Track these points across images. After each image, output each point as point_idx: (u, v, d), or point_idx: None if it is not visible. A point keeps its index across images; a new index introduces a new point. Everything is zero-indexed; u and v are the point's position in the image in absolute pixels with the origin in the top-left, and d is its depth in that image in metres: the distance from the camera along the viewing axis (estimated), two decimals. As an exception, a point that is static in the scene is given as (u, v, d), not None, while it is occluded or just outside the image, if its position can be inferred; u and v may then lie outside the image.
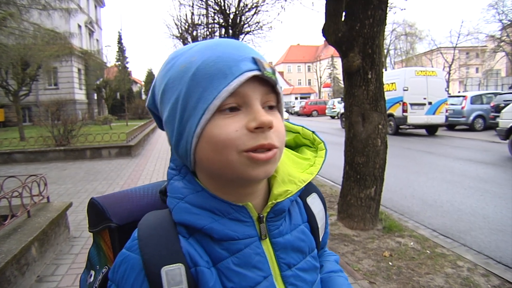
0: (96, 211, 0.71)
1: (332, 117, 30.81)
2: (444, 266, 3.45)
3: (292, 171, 0.72)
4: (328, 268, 0.87)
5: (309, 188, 0.81)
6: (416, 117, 14.92)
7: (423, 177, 7.49)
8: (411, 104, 14.85)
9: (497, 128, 10.27)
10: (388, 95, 4.16)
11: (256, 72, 0.59)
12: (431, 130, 15.99)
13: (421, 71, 15.34)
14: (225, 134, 0.58)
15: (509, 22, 34.47)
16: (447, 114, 15.64)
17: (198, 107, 0.59)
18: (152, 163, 9.82)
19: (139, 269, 0.59)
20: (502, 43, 35.75)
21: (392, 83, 15.12)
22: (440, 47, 46.30)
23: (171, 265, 0.59)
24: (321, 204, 0.81)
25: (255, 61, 0.60)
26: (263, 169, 0.60)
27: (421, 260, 3.57)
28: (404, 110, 14.91)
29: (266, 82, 0.61)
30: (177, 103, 0.61)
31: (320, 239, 0.81)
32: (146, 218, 0.65)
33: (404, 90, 14.88)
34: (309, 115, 36.80)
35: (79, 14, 27.22)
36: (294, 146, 0.83)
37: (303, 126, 0.82)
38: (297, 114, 40.01)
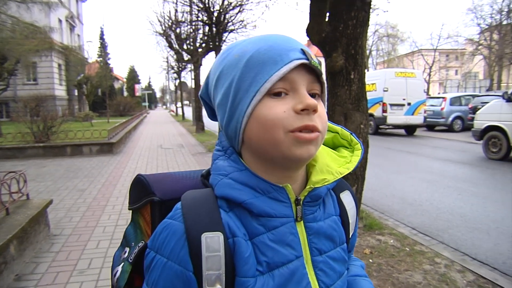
0: (141, 186, 0.76)
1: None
2: (423, 263, 3.53)
3: (330, 163, 0.76)
4: (354, 271, 0.90)
5: (343, 185, 0.85)
6: (395, 117, 15.40)
7: (403, 177, 7.63)
8: (391, 105, 15.28)
9: (472, 129, 10.60)
10: (368, 96, 4.25)
11: (304, 61, 0.64)
12: (410, 130, 16.41)
13: (401, 72, 15.81)
14: (274, 114, 0.63)
15: (486, 27, 35.32)
16: (425, 114, 16.26)
17: (250, 89, 0.64)
18: (134, 160, 9.73)
19: (180, 234, 0.63)
20: (480, 47, 36.58)
21: (372, 84, 15.35)
22: (421, 49, 47.07)
23: (211, 232, 0.63)
24: (353, 201, 0.85)
25: (303, 51, 0.66)
26: (306, 149, 0.64)
27: (400, 257, 3.65)
28: (384, 111, 15.32)
29: (312, 71, 0.67)
30: (231, 87, 0.67)
31: (350, 236, 0.83)
32: (188, 192, 0.70)
33: (384, 90, 15.28)
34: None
35: (60, 8, 26.69)
36: (332, 147, 0.85)
37: (342, 127, 0.85)
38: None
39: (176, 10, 18.33)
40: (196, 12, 14.21)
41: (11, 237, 3.22)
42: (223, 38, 13.34)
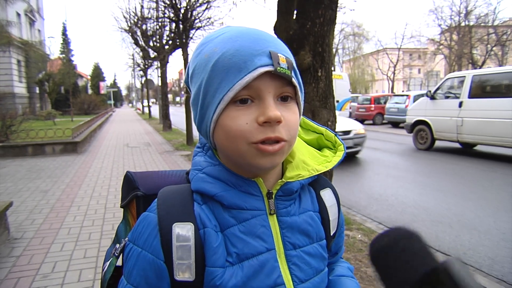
0: (128, 182, 0.82)
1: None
2: (389, 257, 3.61)
3: (307, 161, 0.78)
4: (340, 272, 0.90)
5: (324, 183, 0.86)
6: None
7: (369, 173, 7.80)
8: None
9: (404, 124, 11.67)
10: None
11: (269, 68, 0.62)
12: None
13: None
14: (236, 126, 0.63)
15: (447, 27, 36.63)
16: (350, 110, 19.66)
17: (216, 96, 0.64)
18: (100, 160, 9.48)
19: (154, 224, 0.67)
20: (441, 46, 37.89)
21: None
22: (386, 48, 48.29)
23: (182, 223, 0.66)
24: (334, 199, 0.85)
25: (271, 55, 0.63)
26: (270, 160, 0.66)
27: (368, 252, 3.72)
28: None
29: (283, 77, 0.65)
30: (200, 88, 0.67)
31: (331, 234, 0.83)
32: (166, 187, 0.74)
33: None
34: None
35: (18, 2, 25.60)
36: (318, 147, 0.87)
37: (326, 128, 0.86)
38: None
39: (142, 6, 17.97)
40: (163, 9, 13.97)
41: (-32, 241, 3.06)
42: (190, 35, 13.18)
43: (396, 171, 7.85)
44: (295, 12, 4.21)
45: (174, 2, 12.37)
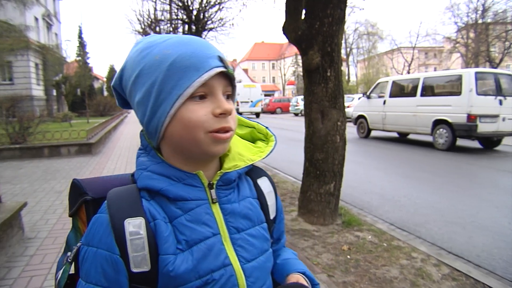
0: (75, 189, 0.86)
1: (296, 114, 31.15)
2: (400, 258, 3.57)
3: (242, 152, 0.88)
4: (285, 256, 1.00)
5: (260, 172, 0.96)
6: (244, 109, 29.31)
7: (382, 173, 7.72)
8: (241, 102, 29.19)
9: (351, 117, 14.69)
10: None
11: (222, 69, 0.75)
12: (257, 114, 30.39)
13: (246, 85, 30.67)
14: (196, 117, 0.73)
15: (463, 25, 36.03)
16: (262, 106, 32.74)
17: (173, 92, 0.72)
18: (114, 161, 9.59)
19: (106, 223, 0.72)
20: (457, 45, 37.31)
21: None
22: (401, 47, 47.76)
23: (133, 218, 0.72)
24: (270, 186, 0.95)
25: (220, 59, 0.75)
26: (222, 147, 0.77)
27: (378, 253, 3.68)
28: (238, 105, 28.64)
29: (226, 76, 0.77)
30: (153, 87, 0.74)
31: (271, 218, 0.93)
32: (113, 189, 0.79)
33: (238, 95, 26.67)
34: (273, 112, 36.88)
35: (36, 6, 26.06)
36: (252, 141, 0.96)
37: (258, 122, 0.96)
38: (262, 111, 40.05)
39: (155, 9, 18.08)
40: (175, 11, 14.08)
41: (-18, 241, 3.13)
42: (203, 37, 13.27)
43: (409, 171, 7.75)
44: (303, 12, 4.20)
45: (186, 4, 12.46)
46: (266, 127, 0.95)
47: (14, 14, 15.38)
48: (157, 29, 18.27)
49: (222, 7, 12.96)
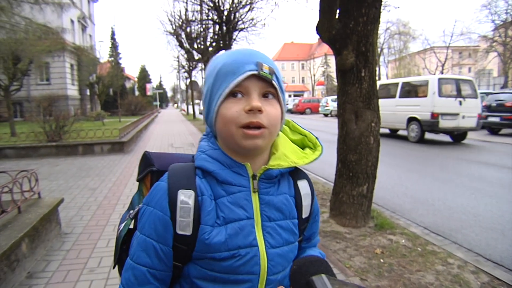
0: (145, 160, 1.04)
1: (325, 115, 30.84)
2: (435, 263, 3.47)
3: (288, 154, 0.97)
4: (310, 253, 1.08)
5: (303, 175, 1.05)
6: None
7: (415, 175, 7.54)
8: None
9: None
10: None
11: (254, 72, 0.85)
12: None
13: None
14: (229, 113, 0.86)
15: (501, 23, 34.77)
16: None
17: (217, 93, 0.87)
18: (145, 159, 9.76)
19: (164, 190, 0.88)
20: (494, 43, 36.05)
21: None
22: (434, 47, 46.56)
23: (186, 190, 0.87)
24: (309, 188, 1.04)
25: (257, 64, 0.86)
26: (253, 142, 0.86)
27: (412, 258, 3.59)
28: None
29: (265, 79, 0.87)
30: (208, 90, 0.91)
31: (303, 216, 1.01)
32: (175, 164, 0.94)
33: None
34: (302, 112, 36.63)
35: (72, 9, 26.98)
36: (302, 147, 1.05)
37: (310, 132, 1.05)
38: (291, 111, 39.86)
39: (186, 9, 18.37)
40: (206, 11, 14.22)
41: (23, 235, 3.24)
42: (234, 37, 13.35)
43: (444, 174, 7.53)
44: (337, 11, 4.14)
45: (217, 4, 12.55)
46: (317, 137, 1.04)
47: (52, 17, 15.88)
48: (188, 29, 18.47)
49: (253, 7, 12.99)
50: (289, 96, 61.74)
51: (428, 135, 13.20)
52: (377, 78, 4.29)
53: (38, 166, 7.71)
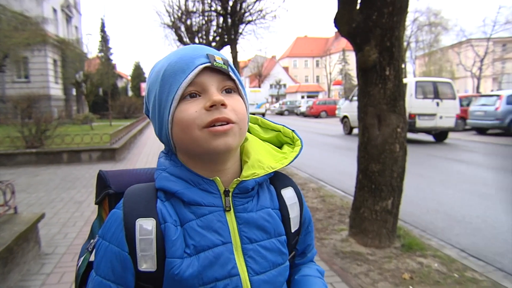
0: (101, 181, 0.99)
1: (344, 119, 30.80)
2: (475, 293, 3.42)
3: (263, 159, 0.94)
4: (306, 272, 1.07)
5: (287, 182, 1.03)
6: (250, 110, 34.81)
7: (449, 189, 7.48)
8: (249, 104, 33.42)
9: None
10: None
11: (207, 64, 0.84)
12: (262, 115, 35.31)
13: (252, 90, 38.90)
14: (187, 115, 0.83)
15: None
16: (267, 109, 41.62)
17: (168, 99, 0.85)
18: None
19: (119, 220, 0.84)
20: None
21: None
22: (471, 39, 46.24)
23: (145, 218, 0.84)
24: (295, 197, 1.02)
25: (208, 56, 0.85)
26: (223, 140, 0.83)
27: (448, 285, 3.56)
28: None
29: (221, 72, 0.86)
30: (155, 100, 0.88)
31: (292, 230, 0.99)
32: (133, 186, 0.91)
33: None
34: (317, 116, 36.54)
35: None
36: (279, 145, 1.04)
37: (284, 125, 1.04)
38: (303, 115, 39.81)
39: (186, -1, 18.50)
40: (209, 1, 14.31)
41: (-5, 257, 3.21)
42: (240, 31, 13.40)
43: (484, 188, 7.47)
44: (359, 1, 4.15)
45: (221, -8, 12.62)
46: (293, 130, 1.02)
47: (30, 4, 16.06)
48: (188, 22, 18.58)
49: (262, -4, 13.02)
50: (302, 97, 61.80)
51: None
52: (403, 77, 4.27)
53: (14, 177, 7.79)
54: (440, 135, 15.31)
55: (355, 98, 16.52)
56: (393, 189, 4.24)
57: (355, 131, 18.56)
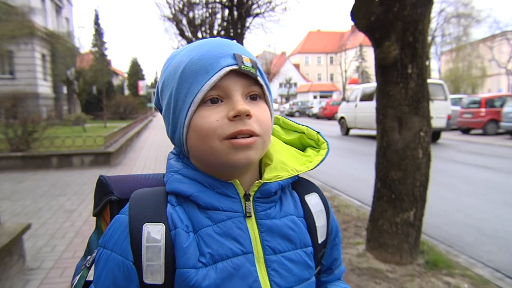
0: (101, 187, 0.95)
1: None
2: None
3: (287, 161, 0.93)
4: None
5: (310, 187, 1.01)
6: None
7: (479, 199, 7.43)
8: None
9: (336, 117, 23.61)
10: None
11: (234, 67, 0.81)
12: None
13: None
14: (207, 123, 0.80)
15: None
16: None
17: (186, 100, 0.82)
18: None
19: (124, 226, 0.81)
20: None
21: None
22: (506, 31, 45.90)
23: (153, 223, 0.80)
24: (321, 204, 0.99)
25: (235, 56, 0.82)
26: (244, 154, 0.81)
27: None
28: None
29: (247, 75, 0.83)
30: (171, 98, 0.86)
31: (319, 241, 0.97)
32: (140, 189, 0.89)
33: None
34: (330, 118, 36.39)
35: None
36: (301, 148, 1.02)
37: (308, 126, 1.02)
38: (316, 116, 39.81)
39: (188, -11, 18.55)
40: (213, -9, 14.33)
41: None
42: (247, 24, 13.40)
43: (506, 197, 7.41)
44: (378, -9, 4.14)
45: (226, -18, 12.65)
46: (318, 132, 1.00)
47: (15, -7, 16.00)
48: (191, 14, 18.61)
49: (271, -14, 13.05)
50: (314, 97, 61.83)
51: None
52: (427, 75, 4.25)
53: (-1, 183, 7.80)
54: (432, 135, 15.81)
55: (352, 99, 20.94)
56: (415, 199, 4.21)
57: (352, 132, 21.67)
